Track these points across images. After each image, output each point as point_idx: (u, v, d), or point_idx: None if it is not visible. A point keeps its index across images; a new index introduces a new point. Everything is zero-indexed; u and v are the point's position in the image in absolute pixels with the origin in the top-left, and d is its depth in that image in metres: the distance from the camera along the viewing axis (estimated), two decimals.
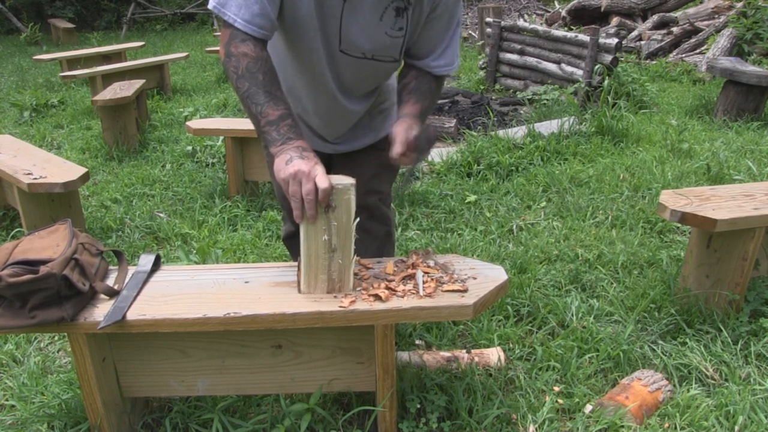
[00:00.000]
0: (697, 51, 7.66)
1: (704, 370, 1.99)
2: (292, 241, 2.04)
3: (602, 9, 9.21)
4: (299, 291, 1.56)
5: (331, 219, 1.45)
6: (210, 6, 1.46)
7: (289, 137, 1.41)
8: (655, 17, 8.60)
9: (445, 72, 1.66)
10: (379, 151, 1.79)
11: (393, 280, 1.60)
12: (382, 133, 1.86)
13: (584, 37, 5.62)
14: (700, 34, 7.88)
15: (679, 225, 3.10)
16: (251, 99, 1.42)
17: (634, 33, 8.53)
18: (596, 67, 5.46)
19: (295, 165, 1.36)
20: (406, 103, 1.62)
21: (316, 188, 1.36)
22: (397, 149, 1.51)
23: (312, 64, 1.60)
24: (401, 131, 1.53)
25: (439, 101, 5.87)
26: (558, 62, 6.03)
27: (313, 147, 1.78)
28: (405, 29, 1.55)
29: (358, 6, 1.48)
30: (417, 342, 2.21)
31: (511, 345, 2.18)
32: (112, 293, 1.54)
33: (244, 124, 3.55)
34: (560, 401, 1.89)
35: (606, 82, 5.10)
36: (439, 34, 1.61)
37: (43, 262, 1.42)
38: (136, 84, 5.06)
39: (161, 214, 3.48)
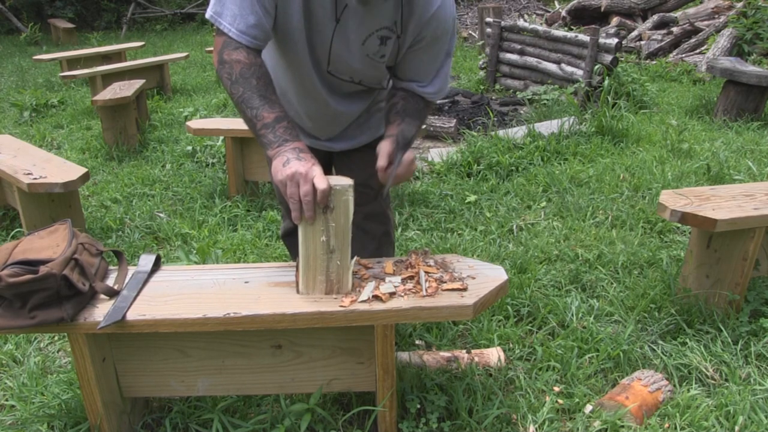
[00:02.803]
0: (697, 51, 7.66)
1: (704, 370, 1.99)
2: (290, 239, 2.04)
3: (602, 9, 9.20)
4: (297, 292, 1.55)
5: (330, 220, 1.44)
6: (207, 15, 1.48)
7: (286, 139, 1.41)
8: (655, 17, 8.60)
9: (432, 99, 1.67)
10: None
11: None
12: (380, 132, 1.86)
13: (584, 37, 5.62)
14: (700, 34, 7.88)
15: (679, 225, 3.10)
16: (246, 103, 1.43)
17: (634, 33, 8.53)
18: (596, 67, 5.46)
19: (293, 166, 1.36)
20: (392, 123, 1.63)
21: (314, 189, 1.36)
22: (380, 162, 1.54)
23: (302, 72, 1.62)
24: (385, 146, 1.56)
25: (439, 101, 5.86)
26: (558, 62, 6.02)
27: (310, 145, 1.78)
28: (386, 56, 1.57)
29: (347, 29, 1.50)
30: (417, 342, 2.21)
31: (511, 345, 2.17)
32: (112, 293, 1.54)
33: (244, 124, 3.55)
34: (560, 401, 1.89)
35: (606, 82, 5.10)
36: (426, 64, 1.61)
37: (43, 262, 1.42)
38: (136, 84, 5.06)
39: (161, 214, 3.48)
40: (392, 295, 1.53)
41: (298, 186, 1.36)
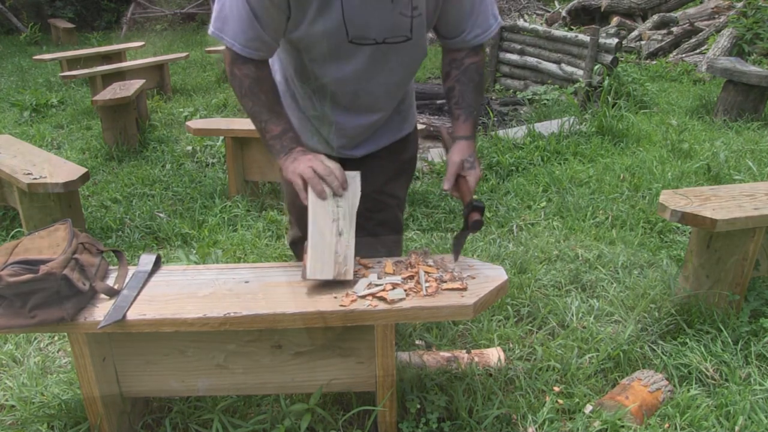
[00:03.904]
0: (697, 51, 7.66)
1: (704, 370, 1.99)
2: (298, 247, 2.04)
3: (602, 9, 9.21)
4: (304, 277, 1.55)
5: (338, 204, 1.56)
6: (209, 32, 1.54)
7: (291, 147, 1.60)
8: (655, 17, 8.60)
9: (483, 39, 1.65)
10: (395, 154, 1.80)
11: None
12: (399, 135, 1.84)
13: (584, 37, 5.62)
14: (700, 34, 7.88)
15: (679, 225, 3.10)
16: (255, 116, 1.60)
17: (634, 33, 8.53)
18: (596, 67, 5.46)
19: (300, 160, 1.56)
20: (457, 120, 1.68)
21: (326, 166, 1.54)
22: (445, 185, 1.64)
23: (344, 80, 1.62)
24: (453, 165, 1.63)
25: (439, 101, 5.86)
26: (558, 62, 6.02)
27: (328, 154, 1.74)
28: (420, 9, 1.53)
29: None
30: (417, 342, 2.21)
31: (511, 345, 2.17)
32: (112, 293, 1.55)
33: (244, 124, 3.55)
34: (560, 401, 1.89)
35: (606, 82, 5.10)
36: (464, 7, 1.59)
37: (43, 262, 1.42)
38: (136, 84, 5.06)
39: (161, 214, 3.48)
40: (399, 300, 1.52)
41: (311, 169, 1.53)
